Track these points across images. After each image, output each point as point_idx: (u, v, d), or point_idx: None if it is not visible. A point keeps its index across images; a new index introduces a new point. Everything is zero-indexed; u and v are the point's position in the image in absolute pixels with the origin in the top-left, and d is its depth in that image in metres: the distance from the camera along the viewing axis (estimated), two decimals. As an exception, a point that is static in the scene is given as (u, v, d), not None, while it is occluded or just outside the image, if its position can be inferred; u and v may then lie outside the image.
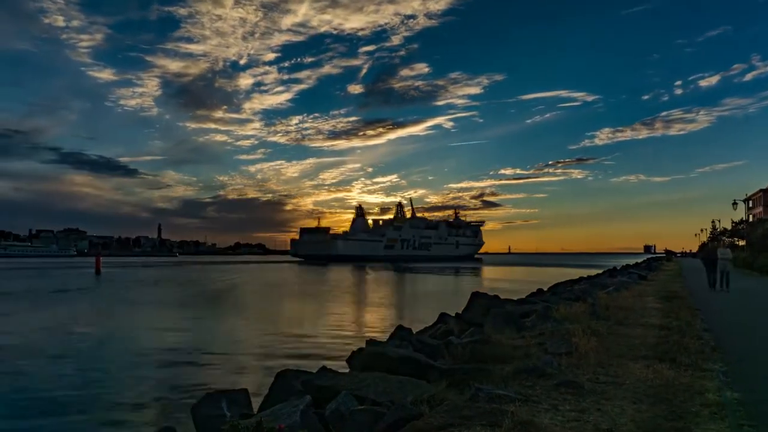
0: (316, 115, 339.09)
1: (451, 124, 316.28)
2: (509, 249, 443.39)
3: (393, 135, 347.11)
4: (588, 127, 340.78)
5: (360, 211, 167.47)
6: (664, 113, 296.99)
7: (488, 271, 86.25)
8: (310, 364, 11.32)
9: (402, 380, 6.63)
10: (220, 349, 17.40)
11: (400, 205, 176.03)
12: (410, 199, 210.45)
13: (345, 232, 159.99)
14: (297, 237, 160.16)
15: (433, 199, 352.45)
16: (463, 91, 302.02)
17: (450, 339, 10.54)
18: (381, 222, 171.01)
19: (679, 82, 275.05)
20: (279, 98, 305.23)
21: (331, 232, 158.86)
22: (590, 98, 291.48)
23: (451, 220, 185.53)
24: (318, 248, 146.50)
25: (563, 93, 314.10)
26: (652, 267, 50.90)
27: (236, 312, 28.86)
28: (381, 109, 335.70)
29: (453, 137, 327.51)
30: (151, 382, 13.12)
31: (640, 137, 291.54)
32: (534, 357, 7.71)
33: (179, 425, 8.54)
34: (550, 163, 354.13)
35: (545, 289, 25.57)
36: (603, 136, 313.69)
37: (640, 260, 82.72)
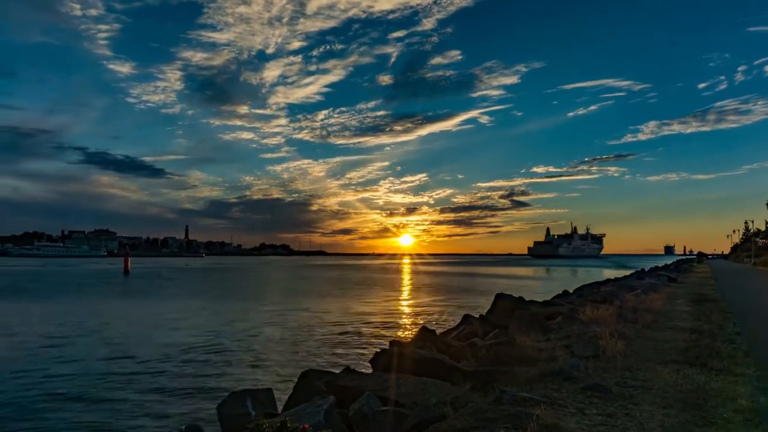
0: (343, 109, 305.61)
1: (484, 118, 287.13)
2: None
3: (423, 131, 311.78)
4: (632, 120, 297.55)
5: (574, 230, 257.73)
6: (718, 103, 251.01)
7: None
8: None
9: (425, 382, 6.61)
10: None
11: (573, 227, 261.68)
12: (574, 226, 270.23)
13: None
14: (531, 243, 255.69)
15: (461, 199, 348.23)
16: (498, 81, 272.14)
17: (474, 341, 10.48)
18: (556, 236, 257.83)
19: (743, 68, 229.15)
20: (305, 91, 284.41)
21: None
22: (638, 87, 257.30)
23: (588, 233, 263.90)
24: (547, 250, 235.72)
25: (608, 82, 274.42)
26: (681, 269, 49.80)
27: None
28: (410, 102, 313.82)
29: (486, 132, 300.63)
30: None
31: (688, 131, 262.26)
32: (560, 360, 7.60)
33: (205, 423, 8.67)
34: (586, 159, 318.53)
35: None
36: (647, 130, 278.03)
37: (668, 262, 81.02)
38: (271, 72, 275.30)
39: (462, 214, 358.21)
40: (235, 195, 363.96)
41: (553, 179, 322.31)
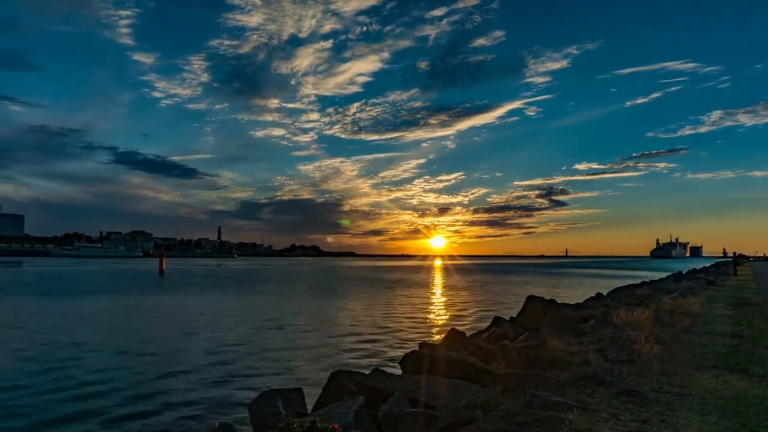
0: (376, 101, 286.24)
1: (528, 110, 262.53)
2: (566, 252, 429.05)
3: (461, 125, 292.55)
4: (695, 109, 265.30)
5: (677, 241, 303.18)
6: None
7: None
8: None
9: (455, 384, 6.57)
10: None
11: (674, 238, 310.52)
12: (675, 237, 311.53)
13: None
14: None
15: (496, 198, 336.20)
16: (545, 66, 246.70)
17: (504, 343, 10.37)
18: (663, 244, 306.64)
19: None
20: (338, 80, 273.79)
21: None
22: (705, 70, 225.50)
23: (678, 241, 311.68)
24: (664, 253, 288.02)
25: (671, 65, 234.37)
26: (721, 272, 48.25)
27: None
28: (449, 92, 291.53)
29: (528, 126, 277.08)
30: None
31: (754, 122, 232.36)
32: (593, 364, 7.45)
33: (236, 422, 8.81)
34: (634, 155, 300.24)
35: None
36: (709, 121, 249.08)
37: (707, 265, 78.54)
38: (303, 60, 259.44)
39: (496, 214, 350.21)
40: (266, 195, 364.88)
41: (596, 177, 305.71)
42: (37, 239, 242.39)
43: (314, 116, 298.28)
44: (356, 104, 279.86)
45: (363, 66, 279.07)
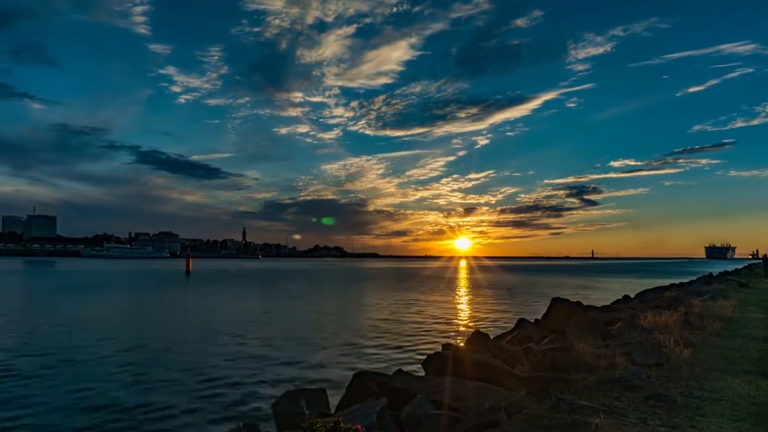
0: (403, 92, 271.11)
1: (566, 101, 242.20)
2: (593, 253, 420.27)
3: (492, 119, 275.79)
4: (753, 98, 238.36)
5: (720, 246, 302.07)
6: None
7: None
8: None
9: (479, 386, 6.52)
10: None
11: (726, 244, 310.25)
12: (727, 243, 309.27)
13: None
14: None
15: (524, 198, 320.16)
16: (586, 51, 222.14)
17: (529, 345, 10.25)
18: (717, 246, 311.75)
19: None
20: (363, 70, 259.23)
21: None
22: None
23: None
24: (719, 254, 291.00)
25: (727, 48, 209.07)
26: (753, 274, 46.91)
27: None
28: (480, 81, 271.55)
29: (564, 119, 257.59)
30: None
31: None
32: (620, 367, 7.31)
33: (260, 421, 8.90)
34: (676, 150, 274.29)
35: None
36: (765, 112, 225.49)
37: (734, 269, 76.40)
38: (327, 48, 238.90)
39: (523, 215, 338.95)
40: (290, 196, 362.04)
41: (631, 174, 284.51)
42: (69, 240, 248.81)
43: (339, 111, 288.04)
44: (382, 97, 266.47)
45: (390, 54, 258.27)
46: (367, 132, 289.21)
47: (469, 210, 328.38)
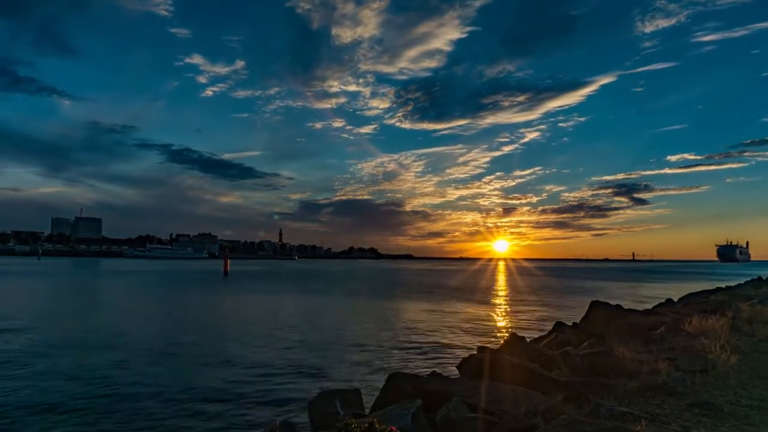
0: (444, 77, 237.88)
1: (626, 85, 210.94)
2: (633, 255, 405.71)
3: (543, 108, 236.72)
4: None
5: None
6: None
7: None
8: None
9: (515, 390, 6.43)
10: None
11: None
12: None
13: None
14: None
15: (569, 196, 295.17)
16: (655, 23, 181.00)
17: (567, 349, 10.06)
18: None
19: None
20: (401, 54, 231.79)
21: None
22: None
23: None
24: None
25: None
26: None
27: None
28: (530, 63, 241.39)
29: (622, 107, 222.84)
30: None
31: None
32: (663, 373, 7.08)
33: (296, 419, 8.99)
34: (745, 142, 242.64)
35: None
36: None
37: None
38: (365, 27, 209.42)
39: (565, 215, 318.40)
40: (325, 196, 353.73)
41: (688, 170, 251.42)
42: (113, 241, 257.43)
43: (375, 102, 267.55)
44: (422, 84, 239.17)
45: (435, 32, 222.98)
46: (405, 126, 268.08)
47: (509, 210, 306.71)
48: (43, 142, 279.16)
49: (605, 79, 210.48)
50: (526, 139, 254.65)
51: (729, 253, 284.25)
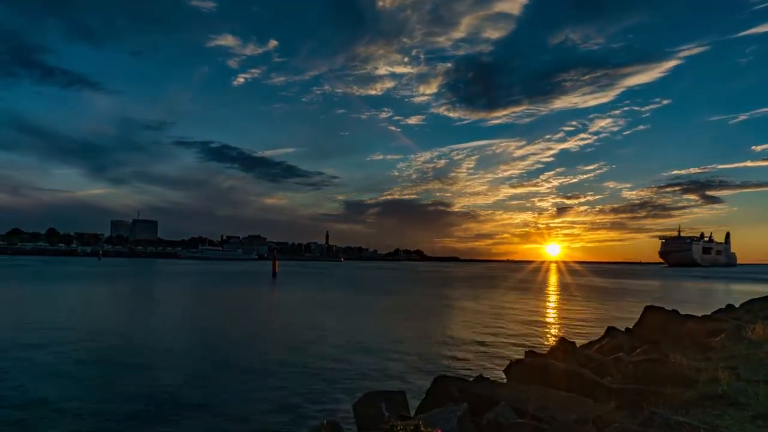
0: (502, 56, 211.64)
1: (715, 57, 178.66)
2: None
3: (612, 91, 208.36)
4: None
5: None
6: None
7: None
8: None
9: (565, 396, 6.28)
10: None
11: None
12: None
13: None
14: None
15: (631, 195, 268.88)
16: None
17: (619, 355, 9.74)
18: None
19: None
20: (451, 30, 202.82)
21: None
22: None
23: None
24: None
25: None
26: None
27: None
28: (600, 34, 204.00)
29: (707, 84, 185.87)
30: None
31: None
32: (723, 383, 6.75)
33: (341, 420, 9.05)
34: None
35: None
36: None
37: None
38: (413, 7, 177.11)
39: (624, 215, 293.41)
40: (371, 196, 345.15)
41: None
42: (168, 242, 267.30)
43: (422, 88, 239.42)
44: (476, 65, 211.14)
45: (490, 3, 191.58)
46: (456, 115, 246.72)
47: (562, 209, 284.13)
48: (81, 142, 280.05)
49: (690, 51, 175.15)
50: (593, 128, 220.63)
51: None
